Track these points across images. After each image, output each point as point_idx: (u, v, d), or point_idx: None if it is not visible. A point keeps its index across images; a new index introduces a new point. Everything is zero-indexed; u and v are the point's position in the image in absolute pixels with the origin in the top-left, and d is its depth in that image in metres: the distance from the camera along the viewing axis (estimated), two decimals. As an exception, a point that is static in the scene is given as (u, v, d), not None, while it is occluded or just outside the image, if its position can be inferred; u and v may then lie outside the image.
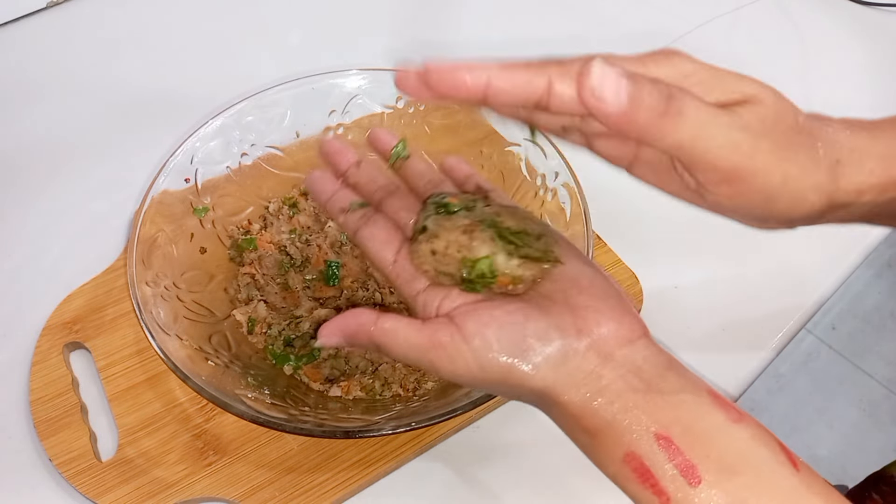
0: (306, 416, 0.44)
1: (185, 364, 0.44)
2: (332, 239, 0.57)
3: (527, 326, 0.32)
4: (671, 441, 0.29)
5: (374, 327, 0.34)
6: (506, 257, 0.34)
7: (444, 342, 0.32)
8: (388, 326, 0.34)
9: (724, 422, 0.30)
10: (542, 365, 0.31)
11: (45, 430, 0.48)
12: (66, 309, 0.54)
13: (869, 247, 0.62)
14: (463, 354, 0.32)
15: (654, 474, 0.29)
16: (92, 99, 0.72)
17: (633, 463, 0.29)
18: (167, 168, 0.53)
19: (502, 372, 0.32)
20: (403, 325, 0.34)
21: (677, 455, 0.29)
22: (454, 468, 0.48)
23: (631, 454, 0.29)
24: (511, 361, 0.31)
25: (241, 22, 0.81)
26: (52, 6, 0.81)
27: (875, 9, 0.83)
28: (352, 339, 0.35)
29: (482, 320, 0.32)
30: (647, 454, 0.29)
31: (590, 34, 0.80)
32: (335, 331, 0.35)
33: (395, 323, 0.34)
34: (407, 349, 0.33)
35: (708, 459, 0.28)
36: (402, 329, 0.34)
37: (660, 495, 0.29)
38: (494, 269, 0.34)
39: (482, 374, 0.32)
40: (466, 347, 0.32)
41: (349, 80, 0.59)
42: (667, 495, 0.28)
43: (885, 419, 1.46)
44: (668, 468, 0.29)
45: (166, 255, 0.51)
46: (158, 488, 0.46)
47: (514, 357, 0.31)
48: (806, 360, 1.55)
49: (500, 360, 0.31)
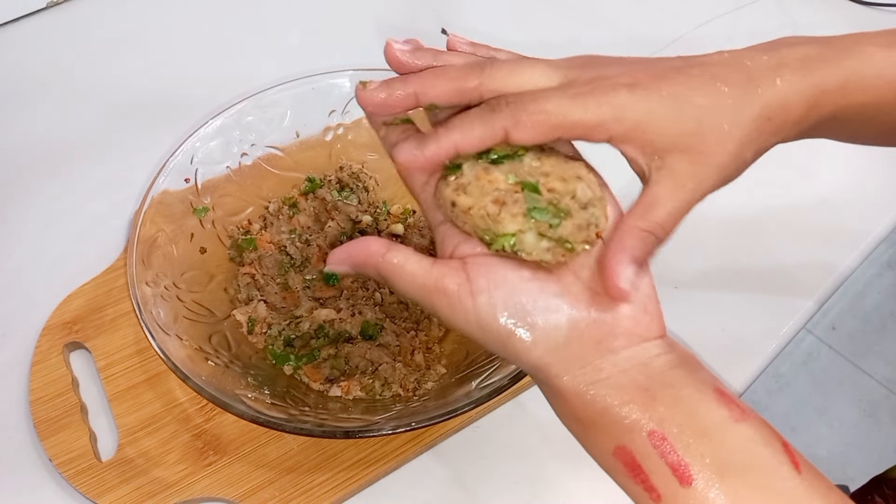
0: (306, 416, 0.44)
1: (185, 364, 0.44)
2: (332, 239, 0.57)
3: (538, 300, 0.31)
4: (665, 438, 0.28)
5: (381, 259, 0.33)
6: (535, 238, 0.31)
7: (450, 290, 0.31)
8: (396, 261, 0.32)
9: (725, 420, 0.29)
10: (541, 342, 0.30)
11: (45, 430, 0.48)
12: (66, 309, 0.54)
13: (869, 247, 0.62)
14: (465, 307, 0.31)
15: (645, 470, 0.28)
16: (92, 99, 0.72)
17: (623, 457, 0.29)
18: (167, 168, 0.53)
19: (500, 338, 0.31)
20: (412, 261, 0.32)
21: (670, 453, 0.28)
22: (454, 468, 0.48)
23: (622, 448, 0.29)
24: (511, 330, 0.30)
25: (241, 22, 0.81)
26: (52, 6, 0.81)
27: (875, 9, 0.83)
28: (359, 268, 0.34)
29: (494, 279, 0.31)
30: (639, 450, 0.29)
31: (590, 34, 0.80)
32: (345, 258, 0.34)
33: (404, 258, 0.32)
34: (411, 286, 0.32)
35: (702, 458, 0.28)
36: (409, 265, 0.32)
37: (650, 492, 0.28)
38: (517, 249, 0.31)
39: (480, 332, 0.31)
40: (471, 302, 0.31)
41: (349, 80, 0.59)
42: (657, 493, 0.28)
43: (885, 419, 1.46)
44: (660, 465, 0.28)
45: (166, 255, 0.51)
46: (158, 488, 0.46)
47: (515, 326, 0.30)
48: (806, 360, 1.55)
49: (501, 324, 0.31)
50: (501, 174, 0.31)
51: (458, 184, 0.32)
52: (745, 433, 0.29)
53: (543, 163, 0.32)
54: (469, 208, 0.31)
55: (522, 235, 0.31)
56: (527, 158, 0.32)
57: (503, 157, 0.32)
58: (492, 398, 0.43)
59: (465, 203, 0.31)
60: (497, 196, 0.31)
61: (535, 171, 0.32)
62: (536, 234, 0.30)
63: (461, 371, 0.50)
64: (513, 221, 0.31)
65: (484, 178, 0.31)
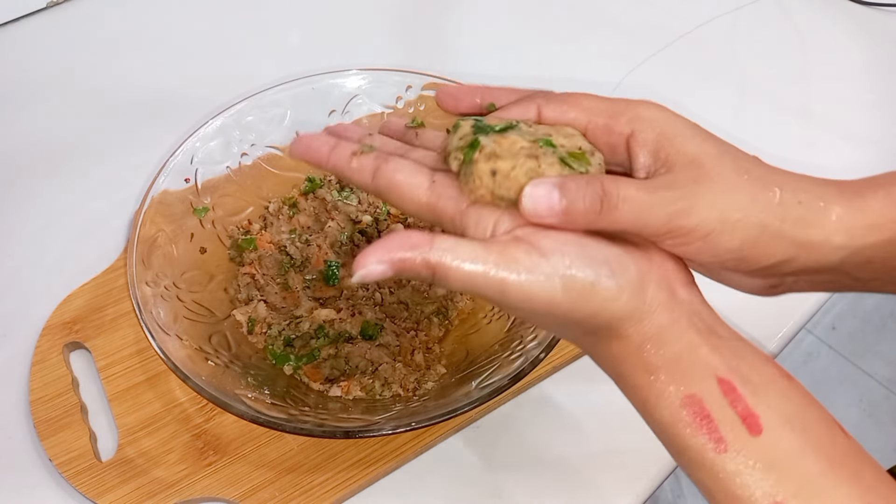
0: (306, 416, 0.44)
1: (185, 364, 0.44)
2: (332, 239, 0.57)
3: (602, 250, 0.30)
4: (734, 386, 0.28)
5: (430, 248, 0.29)
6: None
7: (519, 258, 0.29)
8: (446, 246, 0.29)
9: (780, 377, 0.29)
10: (626, 287, 0.29)
11: (45, 430, 0.48)
12: (66, 309, 0.54)
13: (869, 247, 0.62)
14: (543, 270, 0.29)
15: (714, 419, 0.28)
16: (92, 99, 0.72)
17: (693, 406, 0.28)
18: (167, 168, 0.53)
19: (585, 290, 0.29)
20: (464, 243, 0.29)
21: (739, 401, 0.28)
22: (454, 468, 0.48)
23: (691, 396, 0.28)
24: (595, 279, 0.29)
25: (241, 22, 0.81)
26: (52, 6, 0.81)
27: (875, 9, 0.83)
28: (402, 266, 0.29)
29: (558, 238, 0.30)
30: (709, 398, 0.28)
31: (590, 33, 0.80)
32: (381, 257, 0.29)
33: (454, 242, 0.29)
34: (472, 270, 0.29)
35: (770, 410, 0.27)
36: (463, 247, 0.29)
37: (718, 443, 0.27)
38: None
39: (564, 295, 0.29)
40: (546, 262, 0.29)
41: (349, 80, 0.59)
42: (725, 443, 0.27)
43: (885, 419, 1.46)
44: (730, 414, 0.27)
45: (166, 255, 0.51)
46: (158, 488, 0.46)
47: (598, 275, 0.29)
48: (806, 360, 1.55)
49: (586, 275, 0.29)
50: (517, 136, 0.32)
51: (486, 154, 0.31)
52: (798, 392, 0.29)
53: (536, 126, 0.34)
54: (512, 168, 0.31)
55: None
56: (522, 125, 0.33)
57: (504, 128, 0.33)
58: (492, 398, 0.43)
59: (504, 167, 0.31)
60: (528, 152, 0.31)
61: (536, 133, 0.33)
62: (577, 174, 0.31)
63: (461, 371, 0.50)
64: (552, 168, 0.31)
65: (505, 142, 0.32)
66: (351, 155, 0.35)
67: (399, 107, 0.60)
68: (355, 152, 0.35)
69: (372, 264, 0.29)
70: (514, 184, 0.31)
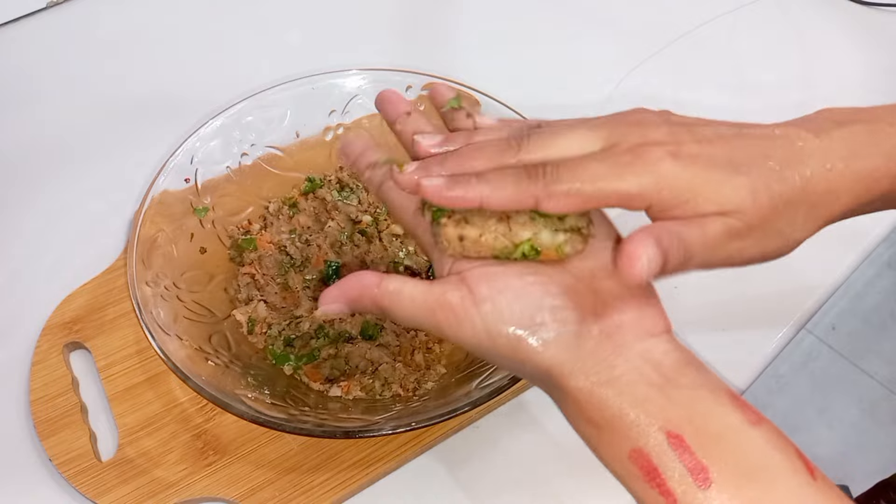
0: (306, 416, 0.44)
1: (185, 364, 0.44)
2: (332, 239, 0.57)
3: (543, 301, 0.30)
4: (682, 440, 0.28)
5: (377, 289, 0.32)
6: (550, 234, 0.31)
7: (453, 303, 0.31)
8: (392, 287, 0.32)
9: (741, 423, 0.28)
10: (552, 343, 0.30)
11: (45, 430, 0.48)
12: (66, 309, 0.54)
13: (869, 247, 0.62)
14: (472, 318, 0.30)
15: (662, 474, 0.28)
16: (92, 99, 0.72)
17: (639, 460, 0.28)
18: (167, 168, 0.53)
19: (510, 344, 0.30)
20: (409, 285, 0.32)
21: (688, 455, 0.27)
22: (454, 468, 0.48)
23: (637, 451, 0.28)
24: (521, 334, 0.30)
25: (240, 22, 0.81)
26: (52, 6, 0.81)
27: (875, 9, 0.83)
28: (355, 304, 0.33)
29: (497, 286, 0.31)
30: (656, 452, 0.28)
31: (590, 33, 0.80)
32: (338, 296, 0.33)
33: (401, 284, 0.32)
34: (413, 310, 0.32)
35: (721, 462, 0.27)
36: (407, 290, 0.32)
37: (667, 496, 0.27)
38: (538, 248, 0.31)
39: (489, 342, 0.31)
40: (476, 312, 0.30)
41: (349, 80, 0.59)
42: (674, 497, 0.27)
43: (885, 419, 1.46)
44: (678, 468, 0.27)
45: (166, 255, 0.51)
46: (158, 488, 0.46)
47: (524, 329, 0.30)
48: (806, 360, 1.55)
49: (510, 330, 0.30)
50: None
51: (455, 220, 0.32)
52: (761, 438, 0.28)
53: None
54: (480, 235, 0.31)
55: (538, 236, 0.31)
56: None
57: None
58: (492, 398, 0.43)
59: (472, 233, 0.32)
60: (499, 215, 0.32)
61: None
62: (551, 231, 0.31)
63: (461, 371, 0.50)
64: (524, 228, 0.31)
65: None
66: (367, 166, 0.37)
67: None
68: (371, 164, 0.37)
69: (329, 302, 0.33)
70: (483, 247, 0.32)
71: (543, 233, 0.31)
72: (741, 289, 0.59)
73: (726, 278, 0.59)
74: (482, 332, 0.31)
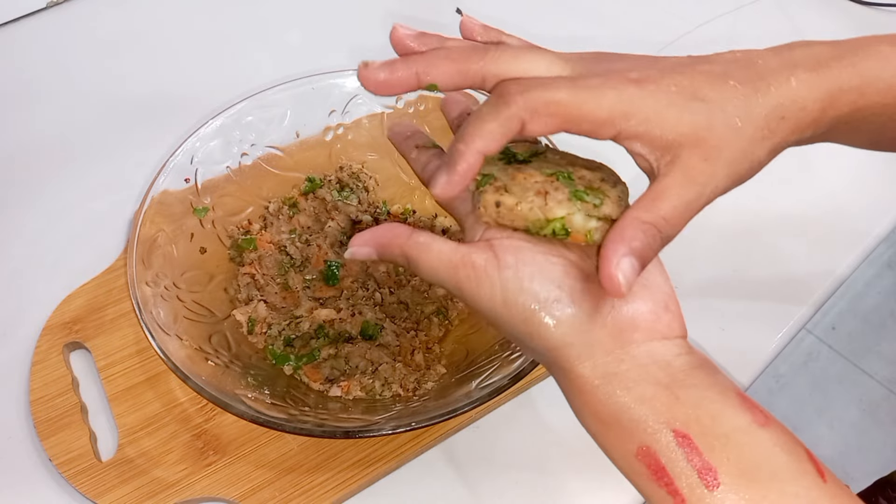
0: (306, 416, 0.44)
1: (185, 364, 0.44)
2: (332, 239, 0.57)
3: (564, 280, 0.30)
4: (690, 439, 0.28)
5: (408, 239, 0.33)
6: (583, 218, 0.31)
7: (477, 264, 0.31)
8: (422, 240, 0.33)
9: (749, 424, 0.28)
10: (565, 321, 0.30)
11: (45, 430, 0.48)
12: (66, 309, 0.54)
13: (869, 247, 0.62)
14: (491, 281, 0.31)
15: (670, 473, 0.28)
16: (92, 99, 0.72)
17: (646, 459, 0.28)
18: (167, 168, 0.53)
19: (524, 315, 0.30)
20: (439, 241, 0.32)
21: (696, 455, 0.27)
22: (454, 468, 0.48)
23: (645, 449, 0.28)
24: (535, 307, 0.30)
25: (240, 22, 0.81)
26: (52, 6, 0.81)
27: (875, 9, 0.83)
28: (384, 250, 0.34)
29: (522, 257, 0.31)
30: (664, 451, 0.28)
31: (590, 33, 0.80)
32: (369, 241, 0.34)
33: (430, 238, 0.33)
34: (437, 264, 0.32)
35: (728, 463, 0.27)
36: (436, 244, 0.32)
37: (674, 496, 0.27)
38: (568, 229, 0.31)
39: (504, 309, 0.31)
40: (497, 275, 0.31)
41: (349, 80, 0.59)
42: (682, 496, 0.27)
43: (885, 419, 1.46)
44: (685, 468, 0.27)
45: (166, 255, 0.51)
46: (158, 488, 0.46)
47: (540, 304, 0.30)
48: (806, 360, 1.55)
49: (526, 301, 0.30)
50: (534, 169, 0.33)
51: (496, 186, 0.32)
52: (770, 439, 0.28)
53: (563, 155, 0.34)
54: (516, 204, 0.32)
55: (571, 217, 0.31)
56: (549, 154, 0.34)
57: (529, 157, 0.34)
58: (492, 398, 0.43)
59: (509, 201, 0.32)
60: (539, 188, 0.32)
61: (561, 164, 0.33)
62: (584, 214, 0.31)
63: (461, 371, 0.50)
64: (560, 206, 0.31)
65: (519, 176, 0.33)
66: (412, 148, 0.39)
67: (399, 106, 0.60)
68: (419, 145, 0.39)
69: (359, 246, 0.34)
70: (517, 217, 0.32)
71: (577, 215, 0.31)
72: (741, 289, 0.59)
73: (726, 279, 0.60)
74: (499, 296, 0.31)
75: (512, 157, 0.34)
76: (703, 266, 0.60)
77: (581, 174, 0.33)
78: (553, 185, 0.32)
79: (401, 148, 0.40)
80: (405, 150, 0.40)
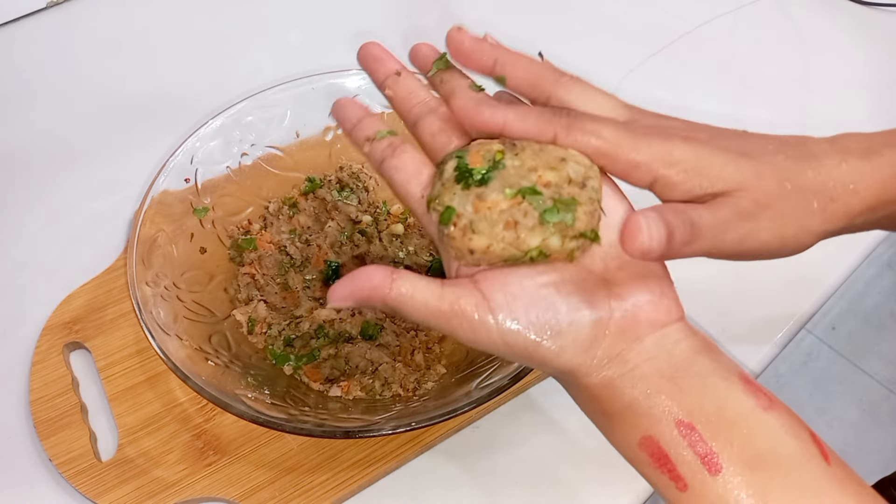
0: (306, 416, 0.44)
1: (185, 364, 0.44)
2: (332, 239, 0.57)
3: (558, 304, 0.30)
4: (693, 427, 0.28)
5: (389, 290, 0.31)
6: (559, 239, 0.30)
7: (467, 312, 0.30)
8: (404, 290, 0.31)
9: (753, 409, 0.29)
10: (569, 346, 0.30)
11: (45, 430, 0.48)
12: (66, 309, 0.54)
13: (869, 247, 0.62)
14: (487, 327, 0.30)
15: (672, 459, 0.28)
16: (92, 99, 0.72)
17: (649, 447, 0.29)
18: (167, 168, 0.53)
19: (527, 349, 0.30)
20: (421, 288, 0.31)
21: (698, 442, 0.28)
22: (454, 468, 0.48)
23: (647, 438, 0.29)
24: (538, 340, 0.30)
25: (240, 22, 0.81)
26: (52, 6, 0.81)
27: (875, 9, 0.83)
28: (365, 304, 0.32)
29: (511, 291, 0.30)
30: (666, 439, 0.28)
31: (590, 33, 0.80)
32: (347, 296, 0.32)
33: (412, 287, 0.31)
34: (426, 314, 0.31)
35: (731, 448, 0.28)
36: (419, 293, 0.31)
37: (677, 482, 0.28)
38: (547, 253, 0.30)
39: (506, 347, 0.31)
40: (492, 320, 0.30)
41: (349, 80, 0.59)
42: (684, 482, 0.28)
43: (885, 419, 1.46)
44: (687, 454, 0.28)
45: (166, 255, 0.51)
46: (158, 488, 0.46)
47: (541, 336, 0.30)
48: (806, 360, 1.55)
49: (528, 337, 0.30)
50: (495, 193, 0.30)
51: (462, 228, 0.31)
52: (774, 423, 0.29)
53: (522, 158, 0.31)
54: (488, 246, 0.30)
55: (547, 242, 0.30)
56: (507, 161, 0.31)
57: (487, 172, 0.31)
58: (492, 398, 0.43)
59: (480, 245, 0.30)
60: (506, 219, 0.30)
61: (521, 172, 0.31)
62: (559, 235, 0.30)
63: (461, 371, 0.50)
64: (532, 235, 0.30)
65: (482, 207, 0.30)
66: (365, 139, 0.36)
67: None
68: (369, 137, 0.35)
69: (338, 299, 0.32)
70: (492, 257, 0.31)
71: (552, 239, 0.30)
72: (741, 289, 0.59)
73: (726, 278, 0.60)
74: (498, 338, 0.30)
75: (468, 174, 0.31)
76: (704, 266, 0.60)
77: (546, 178, 0.30)
78: (521, 211, 0.30)
79: (351, 137, 0.37)
80: (356, 140, 0.36)
